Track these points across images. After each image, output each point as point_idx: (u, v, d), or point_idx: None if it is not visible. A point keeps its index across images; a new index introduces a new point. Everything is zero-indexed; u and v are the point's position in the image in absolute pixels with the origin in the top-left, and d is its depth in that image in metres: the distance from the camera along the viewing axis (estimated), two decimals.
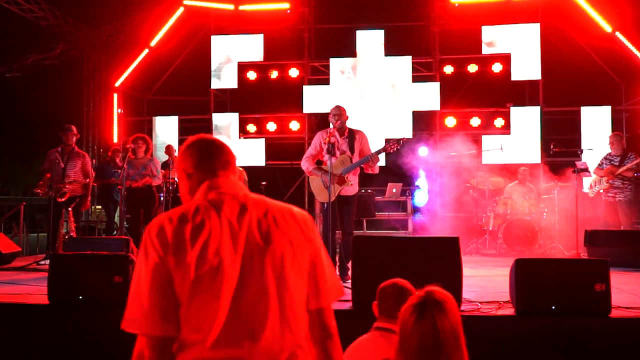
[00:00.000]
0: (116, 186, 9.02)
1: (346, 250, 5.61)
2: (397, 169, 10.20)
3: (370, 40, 10.97)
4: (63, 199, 7.26)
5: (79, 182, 7.54)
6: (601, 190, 8.09)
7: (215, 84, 11.44)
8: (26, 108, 17.38)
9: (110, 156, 9.54)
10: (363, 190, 7.76)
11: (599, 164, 8.16)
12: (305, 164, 5.96)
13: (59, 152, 7.52)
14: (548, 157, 10.10)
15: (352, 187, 5.80)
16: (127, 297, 1.61)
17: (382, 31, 10.93)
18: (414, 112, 10.71)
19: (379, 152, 5.66)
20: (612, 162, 7.98)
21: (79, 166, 7.58)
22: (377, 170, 5.88)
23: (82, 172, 7.61)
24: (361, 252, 4.32)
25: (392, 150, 5.72)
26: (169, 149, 9.71)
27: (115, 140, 11.95)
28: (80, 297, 4.23)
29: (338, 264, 5.79)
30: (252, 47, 11.29)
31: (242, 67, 11.32)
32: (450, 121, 10.79)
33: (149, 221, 1.81)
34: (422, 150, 10.66)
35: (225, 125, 11.29)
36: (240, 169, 9.61)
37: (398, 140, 5.70)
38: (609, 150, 8.17)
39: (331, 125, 5.93)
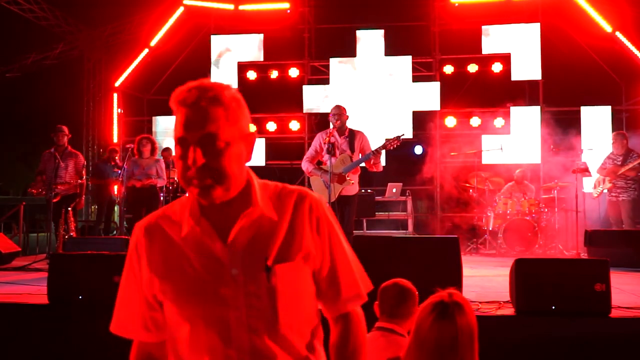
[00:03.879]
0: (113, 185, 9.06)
1: None
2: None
3: (370, 40, 10.96)
4: (55, 200, 7.26)
5: (71, 183, 7.52)
6: (605, 191, 8.06)
7: None
8: (26, 108, 17.39)
9: (108, 156, 9.52)
10: (363, 190, 7.75)
11: (603, 164, 8.10)
12: (305, 165, 5.96)
13: (52, 153, 7.50)
14: (548, 157, 10.09)
15: (353, 186, 5.80)
16: None
17: (382, 31, 10.92)
18: (414, 112, 10.70)
19: (379, 149, 5.66)
20: (615, 162, 7.93)
21: (71, 166, 7.56)
22: (380, 168, 5.86)
23: (76, 172, 7.59)
24: (361, 252, 4.27)
25: (392, 147, 5.73)
26: (167, 151, 9.72)
27: (115, 140, 11.95)
28: (80, 297, 4.23)
29: None
30: (252, 47, 11.28)
31: (242, 67, 11.31)
32: (450, 121, 10.79)
33: None
34: (418, 149, 10.67)
35: None
36: None
37: (397, 136, 5.70)
38: (611, 150, 8.07)
39: (331, 125, 5.93)
